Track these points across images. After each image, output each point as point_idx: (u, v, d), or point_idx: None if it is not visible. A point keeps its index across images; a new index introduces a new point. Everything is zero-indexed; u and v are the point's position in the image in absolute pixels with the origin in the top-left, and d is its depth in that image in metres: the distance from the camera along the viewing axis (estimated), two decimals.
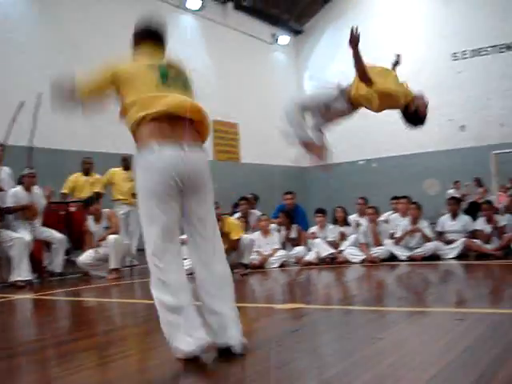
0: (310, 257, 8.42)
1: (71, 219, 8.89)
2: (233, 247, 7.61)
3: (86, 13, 13.31)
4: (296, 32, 21.12)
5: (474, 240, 8.25)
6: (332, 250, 8.45)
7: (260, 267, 8.13)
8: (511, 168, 15.22)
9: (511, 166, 15.36)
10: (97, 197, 8.87)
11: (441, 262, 7.89)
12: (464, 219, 8.69)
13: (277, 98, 19.92)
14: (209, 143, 16.82)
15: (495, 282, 6.34)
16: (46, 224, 8.31)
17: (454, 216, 8.71)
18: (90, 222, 8.40)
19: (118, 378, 2.86)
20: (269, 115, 19.13)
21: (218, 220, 7.67)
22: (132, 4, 14.01)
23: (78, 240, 8.71)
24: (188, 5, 16.36)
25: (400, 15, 18.93)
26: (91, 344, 3.71)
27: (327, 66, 20.01)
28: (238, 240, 7.58)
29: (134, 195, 9.69)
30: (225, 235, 7.58)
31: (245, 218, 9.13)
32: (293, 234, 8.93)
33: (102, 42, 13.46)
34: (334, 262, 8.32)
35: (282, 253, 8.44)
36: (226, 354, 2.98)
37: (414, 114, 4.19)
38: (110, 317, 5.08)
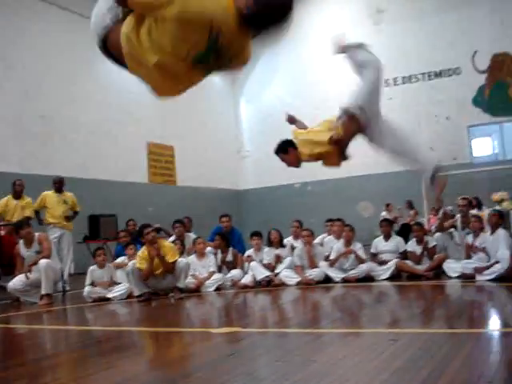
0: (246, 280, 8.42)
1: (1, 243, 8.63)
2: (169, 270, 7.54)
3: (21, 32, 13.06)
4: None
5: (406, 261, 8.45)
6: (268, 273, 8.48)
7: (196, 291, 8.07)
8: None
9: None
10: (27, 220, 8.65)
11: (374, 284, 8.03)
12: (396, 240, 8.89)
13: (213, 122, 20.02)
14: (144, 166, 16.69)
15: (426, 302, 6.50)
16: None
17: (387, 237, 8.90)
18: (21, 246, 8.17)
19: None
20: (205, 138, 19.18)
21: (154, 243, 7.60)
22: (66, 23, 13.86)
23: (9, 265, 8.45)
24: None
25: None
26: (22, 373, 3.59)
27: (262, 90, 20.27)
28: (174, 263, 7.53)
29: (66, 218, 9.58)
30: (161, 258, 7.51)
31: (180, 241, 9.08)
32: (229, 257, 8.92)
33: (37, 62, 13.23)
34: (270, 285, 8.35)
35: (218, 276, 8.41)
36: None
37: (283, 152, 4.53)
38: (42, 344, 4.94)
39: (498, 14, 17.21)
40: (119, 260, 8.71)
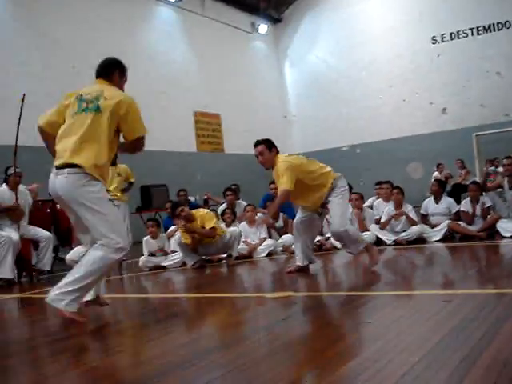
0: None
1: (58, 216, 8.86)
2: (213, 237, 7.62)
3: (64, 7, 13.21)
4: (275, 20, 21.11)
5: (458, 222, 8.32)
6: (319, 237, 8.50)
7: (248, 257, 8.18)
8: (493, 149, 15.37)
9: (493, 146, 15.52)
10: None
11: (426, 245, 7.98)
12: (448, 201, 8.76)
13: (258, 88, 19.95)
14: (191, 135, 16.84)
15: (480, 263, 6.43)
16: (32, 222, 8.24)
17: (438, 198, 8.78)
18: None
19: (122, 368, 2.90)
20: (250, 104, 19.16)
21: (191, 221, 7.58)
22: None
23: (66, 237, 8.70)
24: None
25: (378, 1, 18.98)
26: (84, 340, 3.73)
27: (307, 53, 20.05)
28: (214, 228, 7.59)
29: (123, 191, 9.68)
30: (199, 234, 7.57)
31: (231, 209, 9.16)
32: (280, 223, 8.98)
33: (81, 35, 13.39)
34: (321, 249, 8.38)
35: (269, 242, 8.49)
36: None
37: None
38: (102, 312, 5.09)
39: None
40: (171, 229, 8.86)
